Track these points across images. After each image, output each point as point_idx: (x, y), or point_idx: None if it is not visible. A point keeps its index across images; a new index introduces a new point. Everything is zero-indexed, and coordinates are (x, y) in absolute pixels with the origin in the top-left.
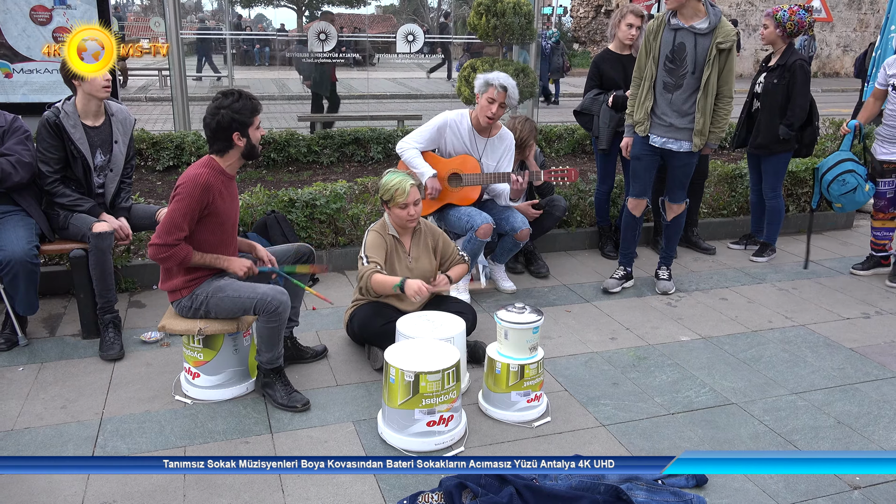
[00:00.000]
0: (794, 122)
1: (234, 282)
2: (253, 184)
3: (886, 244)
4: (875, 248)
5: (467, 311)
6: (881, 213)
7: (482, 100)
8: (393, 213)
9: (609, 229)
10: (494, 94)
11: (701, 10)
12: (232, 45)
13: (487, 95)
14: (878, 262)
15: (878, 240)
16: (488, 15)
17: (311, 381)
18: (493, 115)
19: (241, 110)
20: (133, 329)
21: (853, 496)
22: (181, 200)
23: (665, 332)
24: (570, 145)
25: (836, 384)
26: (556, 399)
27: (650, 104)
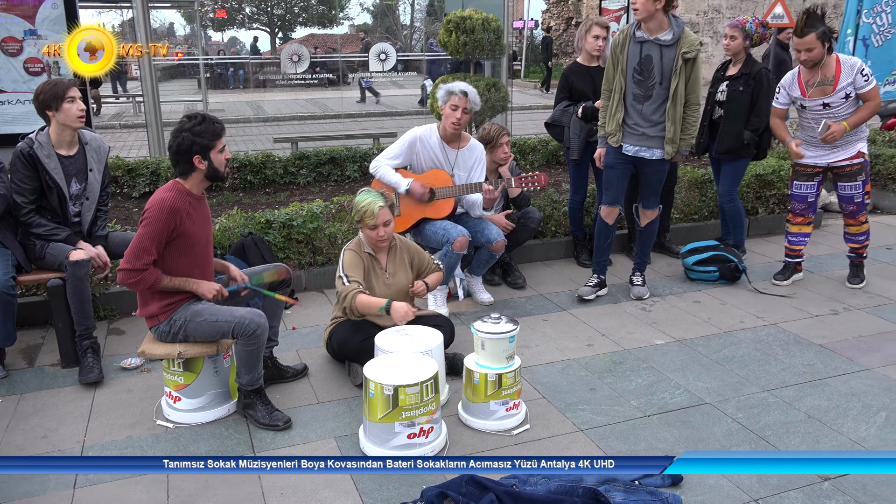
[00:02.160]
0: (759, 127)
1: (212, 305)
2: (230, 207)
3: (800, 250)
4: (790, 254)
5: (444, 323)
6: (798, 218)
7: (446, 109)
8: (365, 233)
9: (583, 238)
10: (456, 100)
11: (665, 22)
12: (205, 69)
13: (450, 103)
14: (794, 268)
15: (793, 245)
16: (458, 32)
17: (292, 400)
18: (459, 121)
19: (203, 133)
20: (113, 356)
21: (823, 487)
22: (148, 225)
23: (640, 336)
24: (545, 157)
25: (805, 380)
26: (535, 406)
27: (621, 115)
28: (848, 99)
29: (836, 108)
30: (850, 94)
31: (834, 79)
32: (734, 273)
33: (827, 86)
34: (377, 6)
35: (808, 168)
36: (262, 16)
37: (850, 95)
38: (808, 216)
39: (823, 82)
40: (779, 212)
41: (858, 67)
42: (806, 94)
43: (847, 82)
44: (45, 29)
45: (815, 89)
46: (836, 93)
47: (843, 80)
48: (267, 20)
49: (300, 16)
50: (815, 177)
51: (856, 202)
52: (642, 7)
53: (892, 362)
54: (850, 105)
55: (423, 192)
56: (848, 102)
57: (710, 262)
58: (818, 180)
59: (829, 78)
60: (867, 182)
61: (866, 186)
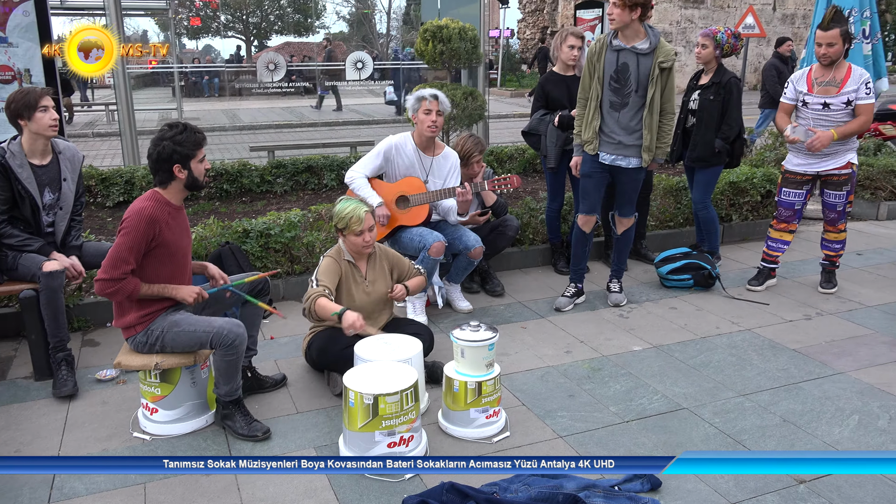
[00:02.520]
0: (729, 136)
1: (190, 315)
2: (206, 216)
3: (777, 257)
4: (767, 259)
5: (424, 332)
6: (782, 224)
7: (419, 115)
8: (348, 240)
9: (561, 245)
10: (428, 104)
11: (641, 31)
12: (180, 77)
13: (423, 109)
14: (769, 274)
15: (772, 251)
16: (434, 41)
17: (271, 410)
18: (434, 123)
19: (184, 142)
20: (87, 368)
21: (799, 490)
22: (127, 234)
23: (618, 342)
24: (521, 164)
25: (780, 384)
26: (515, 414)
27: (598, 123)
28: (848, 106)
29: (835, 111)
30: (853, 100)
31: (841, 82)
32: (708, 280)
33: (833, 87)
34: (353, 15)
35: (799, 175)
36: (237, 24)
37: (851, 102)
38: (791, 223)
39: (831, 83)
40: (752, 218)
41: (865, 79)
42: (812, 90)
43: (852, 88)
44: (16, 37)
45: (820, 88)
46: (840, 95)
47: (850, 86)
48: (242, 28)
49: (275, 24)
50: (804, 184)
51: (837, 210)
52: (619, 17)
53: (864, 366)
54: (848, 112)
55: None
56: (847, 110)
57: (684, 270)
58: (807, 188)
59: (837, 80)
60: (851, 192)
61: (850, 196)
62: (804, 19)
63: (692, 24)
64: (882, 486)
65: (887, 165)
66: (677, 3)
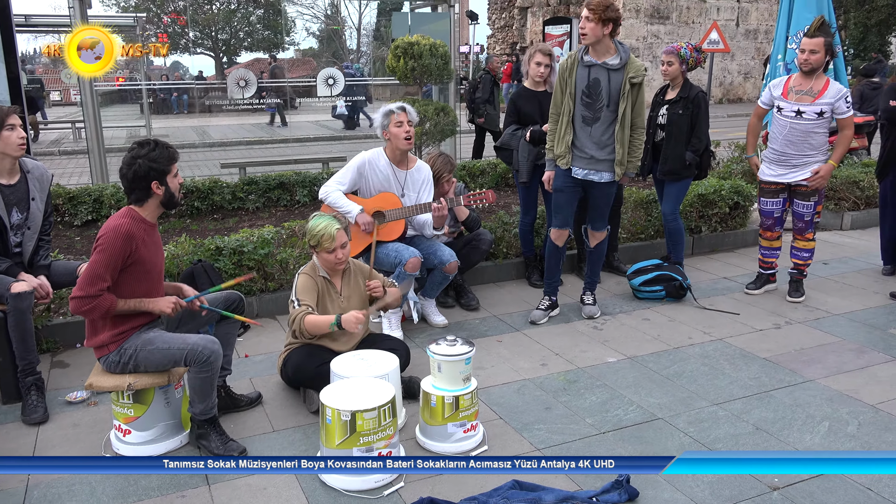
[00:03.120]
0: (699, 148)
1: (164, 333)
2: (178, 234)
3: (773, 262)
4: (763, 266)
5: (400, 347)
6: (768, 233)
7: (391, 129)
8: (321, 257)
9: (534, 259)
10: (398, 117)
11: (612, 47)
12: (148, 94)
13: (394, 122)
14: (767, 279)
15: (766, 258)
16: (406, 57)
17: (246, 429)
18: (409, 134)
19: (158, 159)
20: (57, 390)
21: (773, 497)
22: (103, 251)
23: (593, 354)
24: (494, 179)
25: (752, 393)
26: (492, 427)
27: (570, 138)
28: (821, 117)
29: (807, 120)
30: (826, 112)
31: (818, 93)
32: (679, 291)
33: (809, 96)
34: (323, 31)
35: (772, 185)
36: (206, 41)
37: (824, 113)
38: (776, 230)
39: (808, 93)
40: (721, 230)
41: (844, 94)
42: (787, 96)
43: (828, 101)
44: None
45: (796, 96)
46: (814, 105)
47: (825, 98)
48: (211, 45)
49: (245, 41)
50: (779, 193)
51: (806, 220)
52: (591, 31)
53: (833, 373)
54: (820, 124)
55: (367, 223)
56: (820, 120)
57: (656, 281)
58: (783, 197)
59: (814, 91)
60: (820, 203)
61: (818, 206)
62: (766, 34)
63: (658, 40)
64: (853, 490)
65: (850, 177)
66: (643, 18)
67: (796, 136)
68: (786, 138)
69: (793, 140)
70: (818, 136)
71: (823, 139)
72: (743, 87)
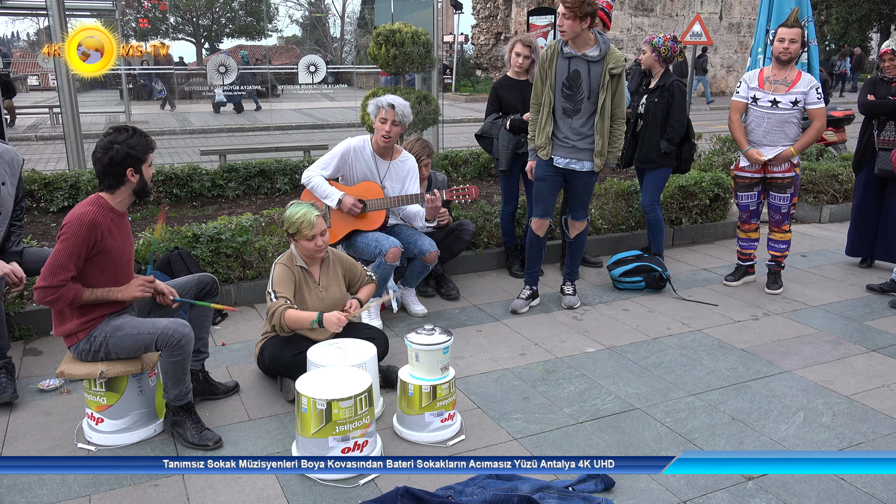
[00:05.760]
0: (673, 137)
1: (133, 319)
2: (155, 221)
3: (751, 254)
4: (741, 258)
5: (378, 336)
6: (745, 225)
7: (376, 122)
8: (300, 245)
9: (515, 249)
10: (384, 113)
11: (591, 39)
12: (127, 80)
13: (379, 117)
14: (746, 271)
15: (744, 250)
16: (387, 45)
17: (222, 418)
18: (388, 134)
19: (136, 146)
20: (29, 378)
21: (748, 487)
22: (67, 240)
23: (572, 344)
24: (476, 169)
25: (729, 383)
26: (470, 417)
27: (551, 128)
28: (795, 106)
29: (783, 109)
30: (800, 102)
31: (791, 83)
32: (659, 282)
33: (783, 86)
34: (306, 18)
35: (747, 179)
36: (187, 26)
37: (798, 102)
38: (752, 223)
39: (782, 83)
40: (701, 221)
41: (815, 85)
42: (763, 86)
43: (801, 90)
44: None
45: (773, 85)
46: (789, 94)
47: (799, 87)
48: (192, 31)
49: (227, 27)
50: (754, 186)
51: (782, 212)
52: (569, 28)
53: (809, 364)
54: (794, 114)
55: (354, 206)
56: (794, 110)
57: (636, 272)
58: (758, 190)
59: (788, 81)
60: (795, 195)
61: (794, 199)
62: (749, 28)
63: (642, 32)
64: (826, 481)
65: (829, 170)
66: (627, 10)
67: (773, 125)
68: (762, 128)
69: (769, 130)
70: (793, 126)
71: (798, 131)
72: (726, 81)
